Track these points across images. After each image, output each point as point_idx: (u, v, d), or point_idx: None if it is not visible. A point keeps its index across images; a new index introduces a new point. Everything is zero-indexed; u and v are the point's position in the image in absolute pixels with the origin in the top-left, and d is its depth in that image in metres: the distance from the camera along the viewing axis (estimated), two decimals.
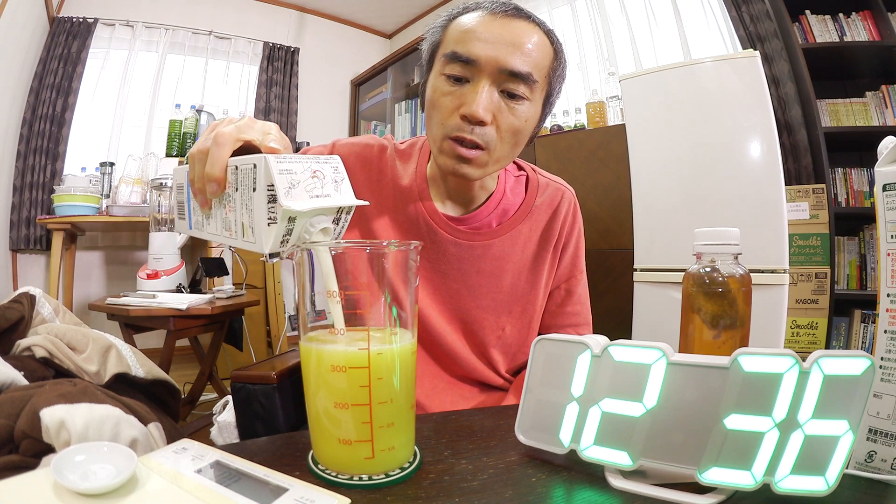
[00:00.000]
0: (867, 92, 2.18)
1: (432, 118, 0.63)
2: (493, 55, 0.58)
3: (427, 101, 0.64)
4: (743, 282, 0.44)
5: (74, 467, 0.30)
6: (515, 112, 0.60)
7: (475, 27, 0.59)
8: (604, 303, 2.14)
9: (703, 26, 2.50)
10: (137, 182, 2.64)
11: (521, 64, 0.58)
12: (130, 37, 3.20)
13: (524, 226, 0.72)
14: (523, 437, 0.42)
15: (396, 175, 0.71)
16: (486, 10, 0.61)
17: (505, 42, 0.58)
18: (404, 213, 0.70)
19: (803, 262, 2.06)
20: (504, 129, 0.61)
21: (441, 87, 0.61)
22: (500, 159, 0.63)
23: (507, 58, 0.58)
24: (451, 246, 0.69)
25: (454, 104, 0.60)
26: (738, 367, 0.33)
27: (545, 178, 0.77)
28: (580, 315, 0.77)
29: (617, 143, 2.08)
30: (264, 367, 0.71)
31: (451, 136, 0.60)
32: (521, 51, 0.59)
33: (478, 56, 0.58)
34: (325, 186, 0.41)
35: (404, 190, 0.70)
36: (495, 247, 0.71)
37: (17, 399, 0.36)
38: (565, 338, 0.41)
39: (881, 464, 0.37)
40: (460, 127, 0.60)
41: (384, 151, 0.73)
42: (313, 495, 0.31)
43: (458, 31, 0.61)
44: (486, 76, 0.59)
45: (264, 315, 2.56)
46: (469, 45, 0.59)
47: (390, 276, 0.38)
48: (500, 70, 0.58)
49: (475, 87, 0.59)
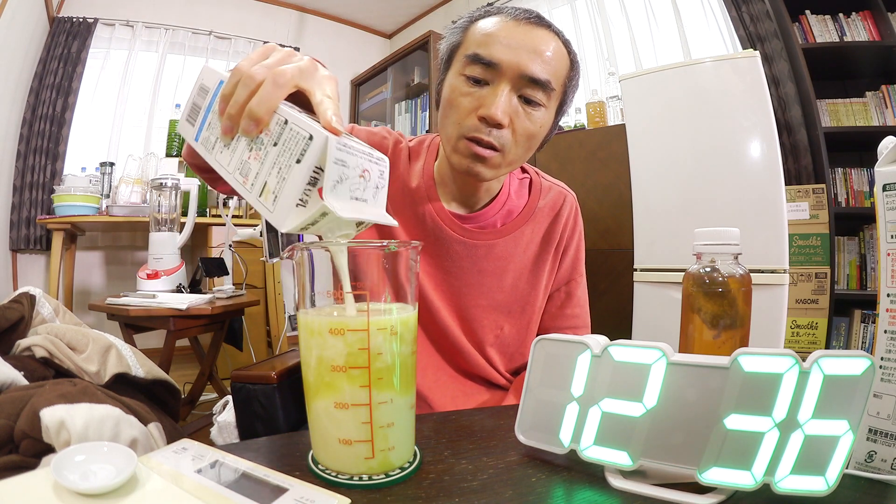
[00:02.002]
0: (867, 92, 2.18)
1: (449, 117, 0.63)
2: (515, 60, 0.59)
3: (444, 100, 0.64)
4: (743, 282, 0.44)
5: (74, 467, 0.30)
6: (532, 117, 0.62)
7: (498, 31, 0.60)
8: (604, 303, 2.14)
9: (703, 26, 2.51)
10: (137, 182, 2.64)
11: (542, 71, 0.60)
12: (130, 37, 3.20)
13: (527, 227, 0.73)
14: (523, 437, 0.42)
15: (406, 172, 0.72)
16: (510, 17, 0.61)
17: (527, 48, 0.59)
18: (411, 210, 0.71)
19: (803, 262, 2.06)
20: (519, 132, 0.62)
21: (460, 87, 0.62)
22: (513, 162, 0.64)
23: (528, 64, 0.59)
24: (456, 244, 0.70)
25: (472, 105, 0.61)
26: (738, 367, 0.33)
27: (548, 182, 0.78)
28: (579, 318, 0.78)
29: (617, 143, 2.08)
30: (264, 367, 0.71)
31: (467, 136, 0.61)
32: (542, 58, 0.60)
33: (500, 60, 0.59)
34: (367, 190, 0.38)
35: (412, 187, 0.71)
36: (499, 247, 0.71)
37: (17, 399, 0.36)
38: (565, 338, 0.41)
39: (881, 464, 0.37)
40: (478, 128, 0.60)
41: (398, 146, 0.74)
42: (313, 495, 0.31)
43: (480, 33, 0.62)
44: (506, 80, 0.59)
45: (264, 315, 2.56)
46: (491, 49, 0.59)
47: (390, 276, 0.38)
48: (521, 75, 0.59)
49: (495, 89, 0.60)
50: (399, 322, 0.38)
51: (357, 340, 0.36)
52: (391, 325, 0.37)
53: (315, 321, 0.37)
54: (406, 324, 0.38)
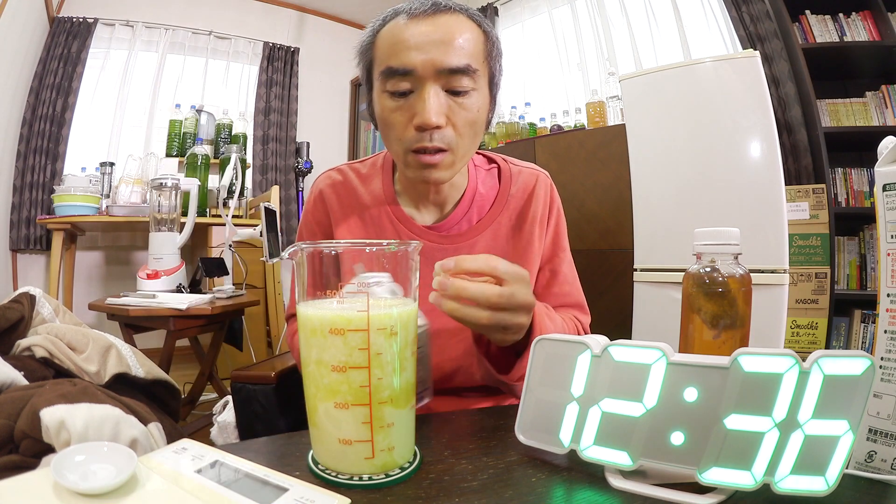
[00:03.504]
0: (867, 92, 2.18)
1: (388, 136, 0.63)
2: (429, 59, 0.57)
3: (379, 121, 0.63)
4: (743, 282, 0.44)
5: (74, 467, 0.30)
6: (466, 106, 0.60)
7: (402, 36, 0.58)
8: (604, 303, 2.14)
9: (703, 26, 2.51)
10: (137, 182, 2.64)
11: (458, 59, 0.58)
12: (130, 37, 3.20)
13: (503, 216, 0.72)
14: (523, 437, 0.42)
15: (362, 201, 0.72)
16: (407, 15, 0.59)
17: (434, 42, 0.57)
18: (382, 235, 0.70)
19: (803, 262, 2.06)
20: (460, 126, 0.61)
21: (387, 104, 0.61)
22: (466, 153, 0.64)
23: (441, 57, 0.57)
24: (437, 253, 0.69)
25: (406, 118, 0.60)
26: (738, 367, 0.33)
27: (517, 167, 0.76)
28: (569, 295, 0.76)
29: (617, 143, 2.08)
30: (264, 367, 0.71)
31: (412, 149, 0.60)
32: (453, 45, 0.58)
33: (413, 65, 0.57)
34: None
35: (375, 210, 0.71)
36: (480, 243, 0.71)
37: (17, 399, 0.36)
38: (565, 338, 0.41)
39: (881, 464, 0.37)
40: (418, 138, 0.59)
41: (335, 187, 0.73)
42: (313, 495, 0.32)
43: (386, 44, 0.60)
44: (427, 81, 0.58)
45: (264, 315, 2.56)
46: (401, 56, 0.58)
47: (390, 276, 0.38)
48: (439, 71, 0.57)
49: (421, 95, 0.58)
50: (399, 322, 0.38)
51: (357, 340, 0.36)
52: (391, 325, 0.37)
53: (315, 321, 0.37)
54: (406, 324, 0.38)
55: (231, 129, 3.34)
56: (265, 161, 3.54)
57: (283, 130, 3.64)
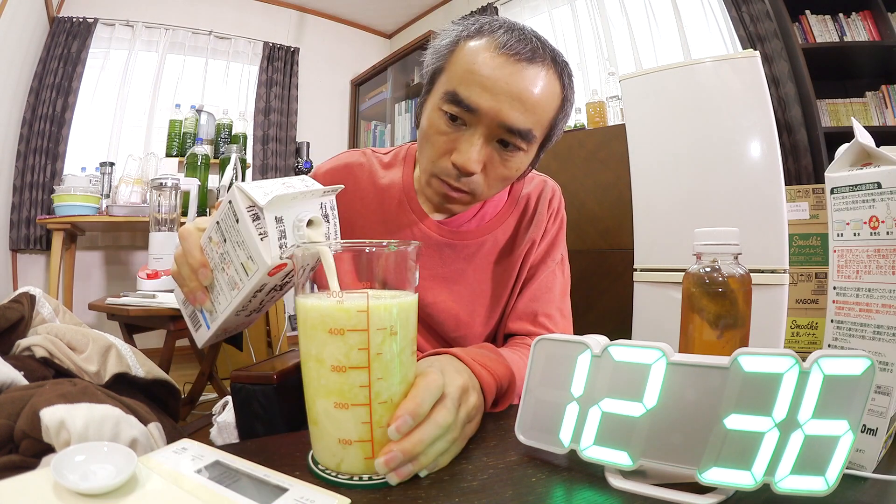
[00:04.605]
0: (867, 92, 2.18)
1: (424, 150, 0.62)
2: (496, 108, 0.55)
3: (421, 130, 0.62)
4: (743, 282, 0.44)
5: (74, 467, 0.30)
6: (507, 163, 0.59)
7: (483, 70, 0.55)
8: (604, 303, 2.14)
9: (703, 26, 2.50)
10: (137, 182, 2.64)
11: (523, 121, 0.56)
12: (130, 37, 3.20)
13: (510, 220, 0.74)
14: (523, 437, 0.42)
15: (380, 185, 0.71)
16: (500, 48, 0.55)
17: (510, 95, 0.55)
18: (395, 223, 0.70)
19: (803, 262, 2.06)
20: (492, 177, 0.60)
21: (436, 122, 0.59)
22: (486, 198, 0.65)
23: (509, 112, 0.55)
24: (446, 248, 0.71)
25: (447, 147, 0.58)
26: (738, 367, 0.33)
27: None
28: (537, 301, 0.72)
29: (617, 143, 2.08)
30: (264, 367, 0.70)
31: (439, 177, 0.60)
32: (525, 106, 0.55)
33: (479, 106, 0.55)
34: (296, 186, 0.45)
35: (392, 199, 0.71)
36: (487, 243, 0.72)
37: (17, 399, 0.36)
38: (565, 338, 0.41)
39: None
40: (449, 173, 0.58)
41: (362, 167, 0.73)
42: (313, 495, 0.31)
43: (464, 65, 0.57)
44: (483, 126, 0.56)
45: (264, 315, 2.56)
46: (472, 91, 0.55)
47: (390, 276, 0.38)
48: (499, 125, 0.56)
49: (471, 137, 0.57)
50: (399, 322, 0.38)
51: (357, 341, 0.36)
52: (391, 325, 0.37)
53: (315, 321, 0.37)
54: (406, 324, 0.38)
55: (231, 129, 3.34)
56: (265, 161, 3.54)
57: (282, 130, 3.64)
